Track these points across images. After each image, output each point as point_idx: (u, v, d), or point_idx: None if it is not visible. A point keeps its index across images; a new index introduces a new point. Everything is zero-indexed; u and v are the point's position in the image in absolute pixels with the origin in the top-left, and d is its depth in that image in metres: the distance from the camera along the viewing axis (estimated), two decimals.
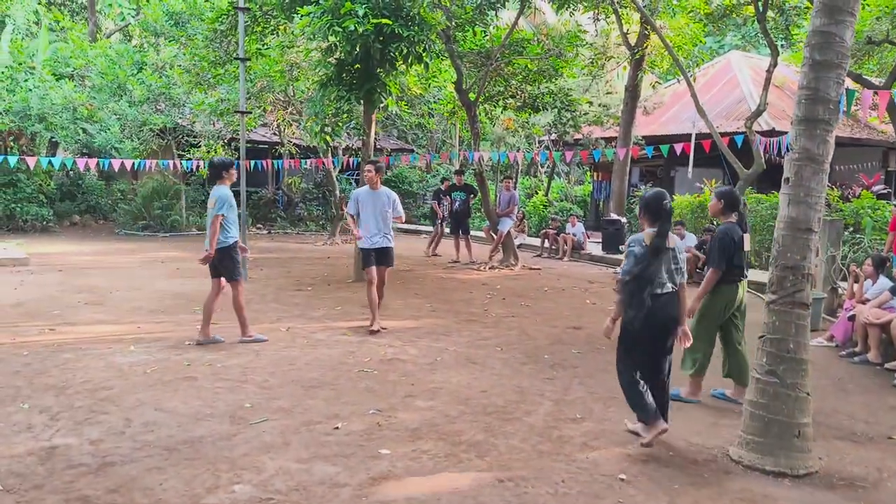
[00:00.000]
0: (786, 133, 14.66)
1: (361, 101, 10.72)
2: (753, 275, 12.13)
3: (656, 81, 19.41)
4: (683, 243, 12.18)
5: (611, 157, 15.19)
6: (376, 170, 7.76)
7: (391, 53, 9.92)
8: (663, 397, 4.57)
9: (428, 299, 9.83)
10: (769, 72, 10.08)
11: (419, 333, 7.67)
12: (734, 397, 5.48)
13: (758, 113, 10.03)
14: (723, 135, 11.06)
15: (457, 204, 13.59)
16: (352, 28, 9.02)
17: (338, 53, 10.18)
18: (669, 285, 4.48)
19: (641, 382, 4.48)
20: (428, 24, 9.82)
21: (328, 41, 9.64)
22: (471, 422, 4.94)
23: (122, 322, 7.86)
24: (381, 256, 7.75)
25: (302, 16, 9.50)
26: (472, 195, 13.72)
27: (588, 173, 25.54)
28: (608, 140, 18.98)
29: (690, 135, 16.16)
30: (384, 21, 9.15)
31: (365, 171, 7.96)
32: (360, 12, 9.02)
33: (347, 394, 5.50)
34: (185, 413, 4.94)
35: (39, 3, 23.56)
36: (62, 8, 27.47)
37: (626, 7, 14.37)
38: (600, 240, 15.63)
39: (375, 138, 11.79)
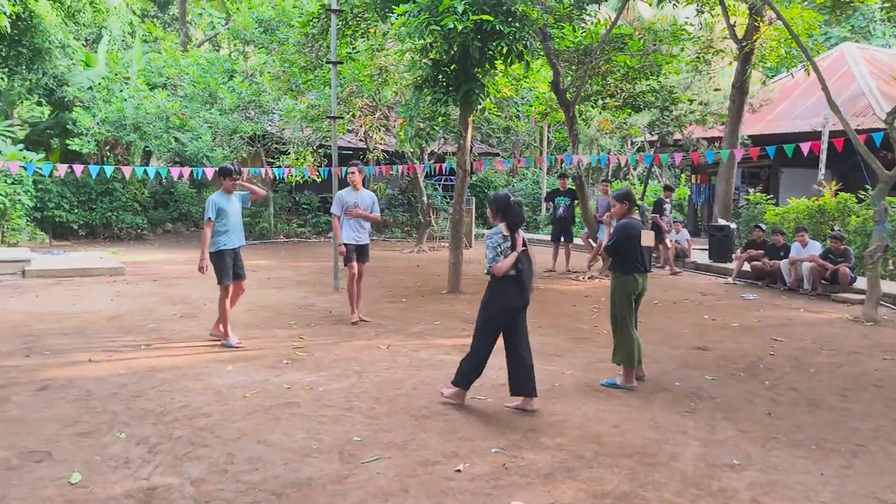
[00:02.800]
0: None
1: (458, 104, 10.19)
2: (886, 286, 10.97)
3: (765, 77, 18.18)
4: (807, 251, 11.22)
5: (726, 159, 14.09)
6: (359, 172, 8.33)
7: (490, 52, 9.36)
8: (525, 371, 5.35)
9: (530, 313, 9.15)
10: None
11: None
12: (624, 385, 5.87)
13: None
14: (858, 133, 9.96)
15: (560, 210, 12.86)
16: (451, 26, 8.51)
17: (433, 53, 9.68)
18: (513, 270, 5.28)
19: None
20: (529, 20, 9.21)
21: (424, 40, 9.15)
22: (610, 466, 4.29)
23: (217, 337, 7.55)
24: (361, 252, 8.31)
25: (398, 15, 9.05)
26: (576, 201, 12.97)
27: (683, 176, 24.34)
28: (710, 140, 17.89)
29: (804, 133, 15.05)
30: (485, 17, 8.60)
31: (349, 172, 8.25)
32: (460, 9, 8.49)
33: (462, 427, 4.94)
34: (289, 447, 4.48)
35: (134, 14, 24.18)
36: (155, 20, 28.23)
37: None
38: (705, 247, 14.60)
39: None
